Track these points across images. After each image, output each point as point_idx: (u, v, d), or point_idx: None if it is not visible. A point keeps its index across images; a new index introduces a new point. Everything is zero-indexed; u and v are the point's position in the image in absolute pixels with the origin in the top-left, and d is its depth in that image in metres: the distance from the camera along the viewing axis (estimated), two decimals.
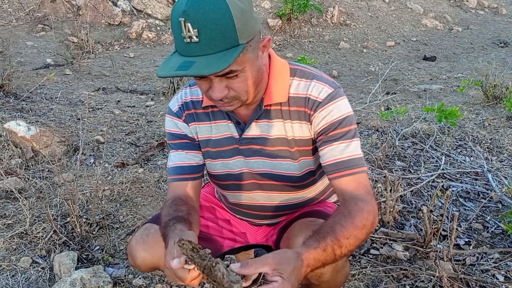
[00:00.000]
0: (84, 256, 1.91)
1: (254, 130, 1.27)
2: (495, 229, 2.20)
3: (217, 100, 1.12)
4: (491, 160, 2.97)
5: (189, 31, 1.00)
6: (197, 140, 1.34)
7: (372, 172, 2.71)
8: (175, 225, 1.13)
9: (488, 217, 2.30)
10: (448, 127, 3.49)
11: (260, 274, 1.49)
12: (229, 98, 1.12)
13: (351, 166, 1.18)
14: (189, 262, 0.96)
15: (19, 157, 2.68)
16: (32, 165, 2.65)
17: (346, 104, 1.22)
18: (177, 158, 1.34)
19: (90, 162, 2.79)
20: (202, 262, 0.91)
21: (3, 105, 3.49)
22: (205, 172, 1.41)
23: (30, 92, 3.91)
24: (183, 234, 1.07)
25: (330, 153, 1.19)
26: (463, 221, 2.26)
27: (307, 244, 1.03)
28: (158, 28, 6.51)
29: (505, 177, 2.68)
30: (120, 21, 6.42)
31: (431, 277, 1.79)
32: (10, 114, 3.28)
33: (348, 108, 1.22)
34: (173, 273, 1.00)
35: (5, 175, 2.38)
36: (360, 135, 3.42)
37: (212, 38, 1.00)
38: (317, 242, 1.04)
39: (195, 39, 1.00)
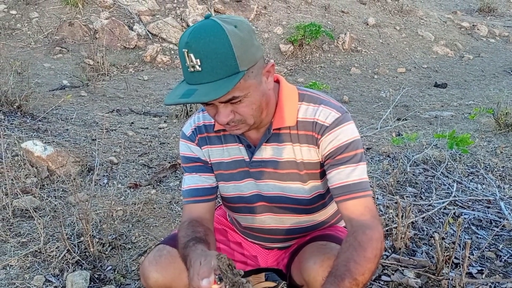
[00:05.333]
0: (96, 276, 1.93)
1: (264, 153, 1.30)
2: (508, 258, 2.18)
3: (224, 124, 1.16)
4: (504, 188, 2.96)
5: (192, 61, 1.06)
6: (209, 163, 1.37)
7: (383, 198, 2.71)
8: (196, 246, 1.16)
9: (501, 246, 2.28)
10: (459, 154, 3.48)
11: None
12: (235, 122, 1.16)
13: (357, 189, 1.20)
14: (218, 280, 1.00)
15: (35, 176, 2.72)
16: (47, 184, 2.69)
17: (353, 128, 1.24)
18: (191, 181, 1.37)
19: (104, 183, 2.83)
20: (234, 278, 0.96)
21: (20, 125, 3.56)
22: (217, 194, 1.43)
23: (47, 113, 3.99)
24: (205, 254, 1.09)
25: (337, 177, 1.22)
26: (476, 249, 2.25)
27: None
28: (172, 52, 6.63)
29: None
30: (135, 45, 6.55)
31: None
32: (26, 134, 3.35)
33: (355, 133, 1.24)
34: None
35: (21, 194, 2.43)
36: (371, 160, 3.43)
37: (213, 67, 1.06)
38: (337, 287, 1.05)
39: (198, 68, 1.06)
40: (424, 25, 8.44)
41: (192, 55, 1.06)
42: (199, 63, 1.06)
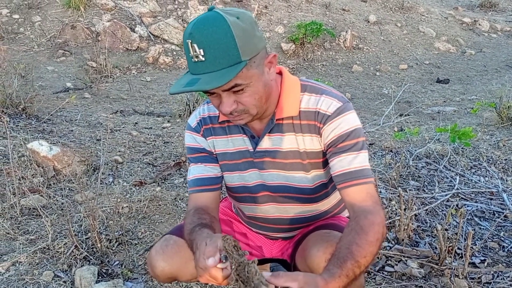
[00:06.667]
0: (104, 271, 1.96)
1: (267, 143, 1.32)
2: (511, 247, 2.20)
3: (227, 114, 1.18)
4: (506, 180, 2.97)
5: (195, 51, 1.09)
6: (214, 153, 1.40)
7: (386, 192, 2.72)
8: (201, 230, 1.19)
9: (502, 234, 2.29)
10: (462, 148, 3.49)
11: None
12: (238, 111, 1.18)
13: (359, 176, 1.23)
14: (224, 258, 1.02)
15: (41, 175, 2.76)
16: (54, 183, 2.73)
17: (354, 117, 1.27)
18: (197, 170, 1.40)
19: (109, 181, 2.86)
20: (239, 258, 0.98)
21: (25, 126, 3.60)
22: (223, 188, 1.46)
23: (51, 115, 4.03)
24: (211, 236, 1.12)
25: (339, 164, 1.25)
26: (479, 239, 2.26)
27: (331, 272, 1.07)
28: (174, 53, 6.66)
29: None
30: (138, 47, 6.59)
31: None
32: (32, 135, 3.39)
33: (356, 121, 1.27)
34: (207, 273, 1.04)
35: (29, 193, 2.46)
36: (374, 155, 3.44)
37: (216, 57, 1.08)
38: (339, 269, 1.08)
39: (201, 58, 1.09)
40: (425, 21, 8.45)
41: (195, 45, 1.09)
42: (202, 53, 1.09)
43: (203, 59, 1.09)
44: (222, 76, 1.08)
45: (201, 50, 1.09)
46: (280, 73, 1.32)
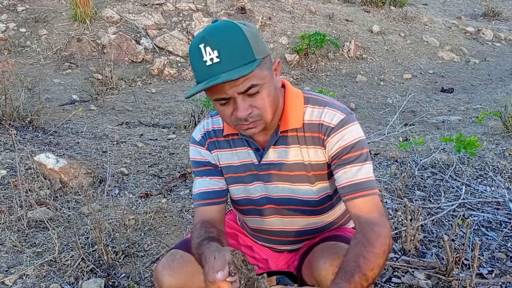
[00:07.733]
0: (110, 283, 1.97)
1: (272, 155, 1.33)
2: None
3: (243, 119, 1.17)
4: None
5: (209, 54, 1.10)
6: (219, 166, 1.41)
7: (392, 202, 2.72)
8: (209, 243, 1.19)
9: (511, 246, 2.28)
10: (467, 158, 3.48)
11: None
12: (253, 117, 1.17)
13: (364, 188, 1.23)
14: (234, 272, 1.02)
15: (48, 188, 2.78)
16: (60, 195, 2.74)
17: (357, 129, 1.28)
18: (202, 184, 1.40)
19: (115, 193, 2.87)
20: (249, 273, 0.98)
21: (32, 139, 3.63)
22: (228, 201, 1.47)
23: (57, 127, 4.06)
24: (219, 249, 1.12)
25: (344, 176, 1.25)
26: (486, 250, 2.25)
27: (340, 287, 1.08)
28: (179, 64, 6.71)
29: None
30: (143, 59, 6.64)
31: None
32: (39, 147, 3.41)
33: (360, 133, 1.28)
34: (216, 287, 1.05)
35: (36, 205, 2.47)
36: (379, 165, 3.44)
37: (232, 56, 1.10)
38: (347, 283, 1.09)
39: (216, 59, 1.10)
40: (429, 31, 8.47)
41: (209, 48, 1.10)
42: (216, 54, 1.10)
43: (218, 60, 1.10)
44: (242, 71, 1.09)
45: (215, 52, 1.10)
46: (283, 85, 1.33)
